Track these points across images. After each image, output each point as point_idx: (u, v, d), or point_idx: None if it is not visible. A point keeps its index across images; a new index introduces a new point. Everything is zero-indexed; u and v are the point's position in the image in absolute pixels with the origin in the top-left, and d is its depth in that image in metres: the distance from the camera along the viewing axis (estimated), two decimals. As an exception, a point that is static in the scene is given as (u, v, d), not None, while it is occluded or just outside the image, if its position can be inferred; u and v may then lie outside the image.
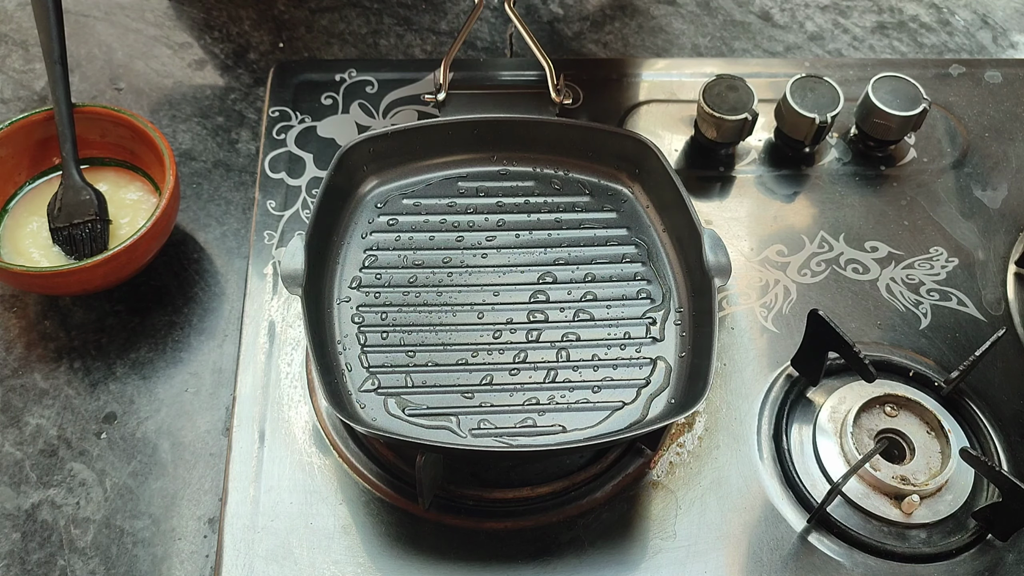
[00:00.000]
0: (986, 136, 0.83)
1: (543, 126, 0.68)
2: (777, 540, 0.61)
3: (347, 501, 0.61)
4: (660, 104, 0.82)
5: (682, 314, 0.64)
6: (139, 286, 0.72)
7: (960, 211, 0.78)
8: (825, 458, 0.64)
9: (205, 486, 0.64)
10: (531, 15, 0.93)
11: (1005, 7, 0.97)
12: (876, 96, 0.76)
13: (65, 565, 0.60)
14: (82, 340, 0.69)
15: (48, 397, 0.67)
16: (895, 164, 0.80)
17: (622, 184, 0.70)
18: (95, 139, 0.72)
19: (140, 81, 0.84)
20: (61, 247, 0.68)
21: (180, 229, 0.75)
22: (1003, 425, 0.66)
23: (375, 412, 0.59)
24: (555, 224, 0.68)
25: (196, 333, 0.70)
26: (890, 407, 0.65)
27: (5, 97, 0.82)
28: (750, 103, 0.75)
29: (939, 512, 0.62)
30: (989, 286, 0.73)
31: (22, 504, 0.62)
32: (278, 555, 0.59)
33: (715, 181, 0.79)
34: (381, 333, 0.62)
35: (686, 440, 0.65)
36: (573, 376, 0.62)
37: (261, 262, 0.71)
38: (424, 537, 0.60)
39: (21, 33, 0.87)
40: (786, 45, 0.92)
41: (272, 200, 0.74)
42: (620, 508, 0.62)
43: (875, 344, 0.70)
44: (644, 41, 0.92)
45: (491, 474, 0.63)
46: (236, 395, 0.65)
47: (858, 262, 0.74)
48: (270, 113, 0.79)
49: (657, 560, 0.60)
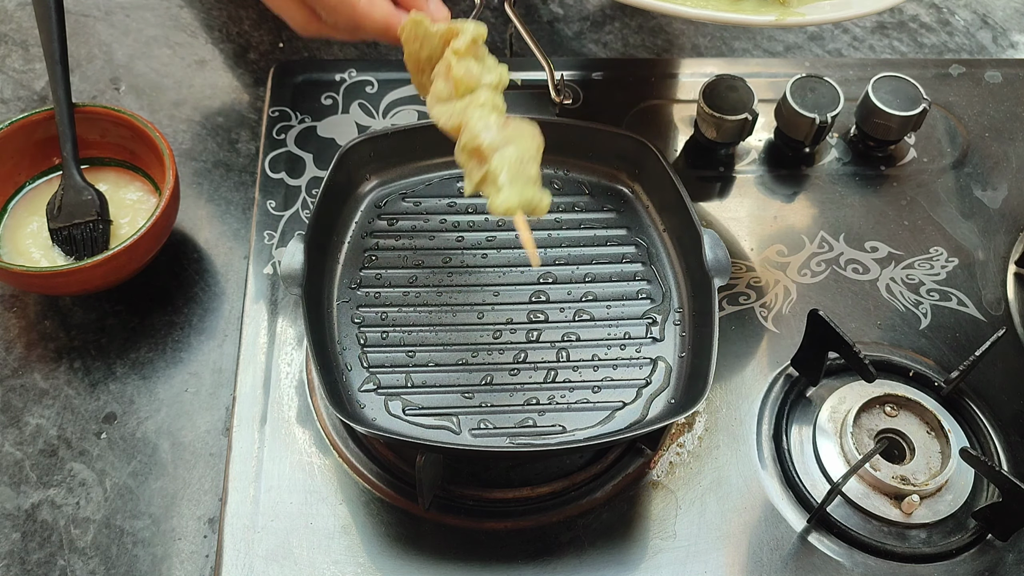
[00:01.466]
0: (986, 136, 0.83)
1: (543, 126, 0.68)
2: (777, 540, 0.61)
3: (347, 501, 0.61)
4: (660, 104, 0.83)
5: (682, 314, 0.64)
6: (139, 286, 0.72)
7: (960, 211, 0.78)
8: (825, 458, 0.64)
9: (205, 486, 0.64)
10: (531, 15, 0.93)
11: (1005, 7, 0.97)
12: (876, 96, 0.76)
13: (65, 565, 0.60)
14: (82, 340, 0.69)
15: (48, 397, 0.67)
16: (895, 164, 0.80)
17: (622, 184, 0.70)
18: (95, 139, 0.72)
19: (140, 81, 0.84)
20: (60, 247, 0.68)
21: (180, 229, 0.75)
22: (1003, 425, 0.66)
23: (375, 412, 0.59)
24: (555, 224, 0.68)
25: (196, 333, 0.70)
26: (890, 407, 0.65)
27: (5, 97, 0.82)
28: (750, 103, 0.75)
29: (939, 512, 0.62)
30: (989, 286, 0.73)
31: (22, 504, 0.62)
32: (278, 555, 0.59)
33: (715, 181, 0.79)
34: (381, 333, 0.62)
35: (686, 440, 0.65)
36: (573, 376, 0.62)
37: (261, 262, 0.71)
38: (424, 537, 0.60)
39: (21, 33, 0.87)
40: (786, 45, 0.92)
41: (272, 200, 0.74)
42: (620, 508, 0.62)
43: (875, 344, 0.70)
44: (644, 41, 0.92)
45: (491, 474, 0.63)
46: (236, 395, 0.65)
47: (858, 262, 0.74)
48: (270, 113, 0.79)
49: (657, 560, 0.60)
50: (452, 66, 0.50)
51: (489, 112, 0.49)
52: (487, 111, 0.49)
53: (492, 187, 0.47)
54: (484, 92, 0.50)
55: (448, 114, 0.49)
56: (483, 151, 0.48)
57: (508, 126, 0.49)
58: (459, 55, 0.50)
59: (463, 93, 0.50)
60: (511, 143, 0.48)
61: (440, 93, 0.50)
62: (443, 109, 0.50)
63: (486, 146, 0.47)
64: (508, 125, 0.49)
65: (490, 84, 0.50)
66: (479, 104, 0.49)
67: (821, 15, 0.62)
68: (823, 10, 0.63)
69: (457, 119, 0.49)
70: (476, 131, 0.48)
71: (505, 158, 0.47)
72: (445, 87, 0.50)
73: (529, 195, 0.48)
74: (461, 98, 0.50)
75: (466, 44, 0.51)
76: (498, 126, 0.48)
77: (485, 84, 0.50)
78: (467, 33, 0.51)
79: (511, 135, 0.48)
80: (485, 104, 0.49)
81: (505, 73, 0.52)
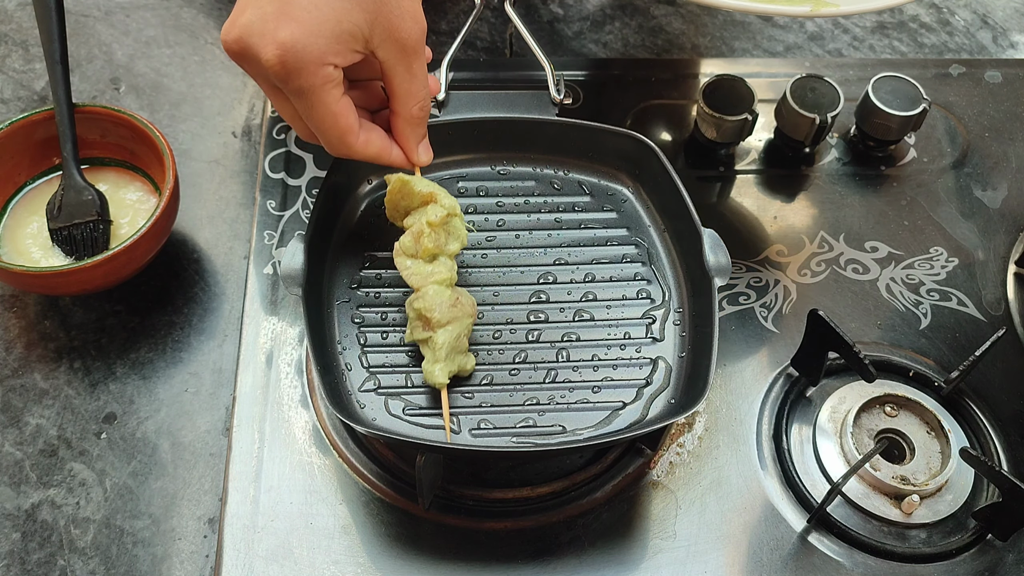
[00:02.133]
0: (986, 136, 0.83)
1: (543, 126, 0.68)
2: (777, 540, 0.61)
3: (347, 501, 0.61)
4: (660, 104, 0.83)
5: (682, 314, 0.64)
6: (139, 286, 0.72)
7: (960, 211, 0.78)
8: (825, 458, 0.64)
9: (205, 486, 0.64)
10: (531, 15, 0.93)
11: (1005, 7, 0.97)
12: (876, 96, 0.76)
13: (65, 565, 0.60)
14: (82, 340, 0.69)
15: (48, 397, 0.67)
16: (895, 164, 0.80)
17: (622, 184, 0.70)
18: (95, 139, 0.72)
19: (140, 81, 0.84)
20: (60, 247, 0.68)
21: (180, 229, 0.75)
22: (1003, 425, 0.66)
23: (375, 412, 0.59)
24: (555, 224, 0.68)
25: (196, 333, 0.70)
26: (890, 407, 0.65)
27: (5, 97, 0.82)
28: (750, 103, 0.75)
29: (939, 512, 0.62)
30: (989, 286, 0.73)
31: (22, 504, 0.62)
32: (278, 555, 0.59)
33: (715, 181, 0.79)
34: (381, 333, 0.62)
35: (686, 440, 0.65)
36: (573, 376, 0.62)
37: (261, 262, 0.71)
38: (424, 537, 0.60)
39: (21, 33, 0.87)
40: (786, 45, 0.92)
41: (272, 200, 0.74)
42: (620, 508, 0.62)
43: (875, 344, 0.70)
44: (644, 41, 0.92)
45: (491, 474, 0.63)
46: (236, 395, 0.65)
47: (858, 262, 0.74)
48: (270, 113, 0.79)
49: (657, 560, 0.60)
50: (424, 235, 0.58)
51: (444, 290, 0.58)
52: (443, 288, 0.58)
53: (430, 353, 0.58)
54: (443, 266, 0.59)
55: (410, 272, 0.58)
56: (431, 323, 0.57)
57: (456, 304, 0.58)
58: (432, 227, 0.59)
59: (427, 257, 0.59)
60: (454, 321, 0.57)
61: (407, 248, 0.59)
62: (407, 264, 0.59)
63: (434, 322, 0.57)
64: (456, 303, 0.58)
65: (451, 252, 0.60)
66: (437, 280, 0.58)
67: (854, 5, 0.62)
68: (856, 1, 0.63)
69: (417, 283, 0.58)
70: (431, 305, 0.57)
71: (446, 335, 0.57)
72: (412, 245, 0.59)
73: (458, 365, 0.58)
74: (427, 261, 0.59)
75: (440, 219, 0.59)
76: (448, 304, 0.57)
77: (447, 252, 0.59)
78: (443, 209, 0.59)
79: (456, 313, 0.58)
80: (442, 281, 0.58)
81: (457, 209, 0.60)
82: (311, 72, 0.51)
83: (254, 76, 0.53)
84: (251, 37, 0.50)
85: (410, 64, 0.55)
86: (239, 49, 0.51)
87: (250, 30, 0.50)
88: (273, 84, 0.53)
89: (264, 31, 0.50)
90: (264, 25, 0.50)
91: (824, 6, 0.61)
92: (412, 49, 0.55)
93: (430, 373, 0.58)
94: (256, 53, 0.51)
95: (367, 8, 0.52)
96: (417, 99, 0.57)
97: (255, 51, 0.51)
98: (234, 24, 0.51)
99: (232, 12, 0.52)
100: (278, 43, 0.50)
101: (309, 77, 0.51)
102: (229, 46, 0.52)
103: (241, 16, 0.51)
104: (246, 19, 0.51)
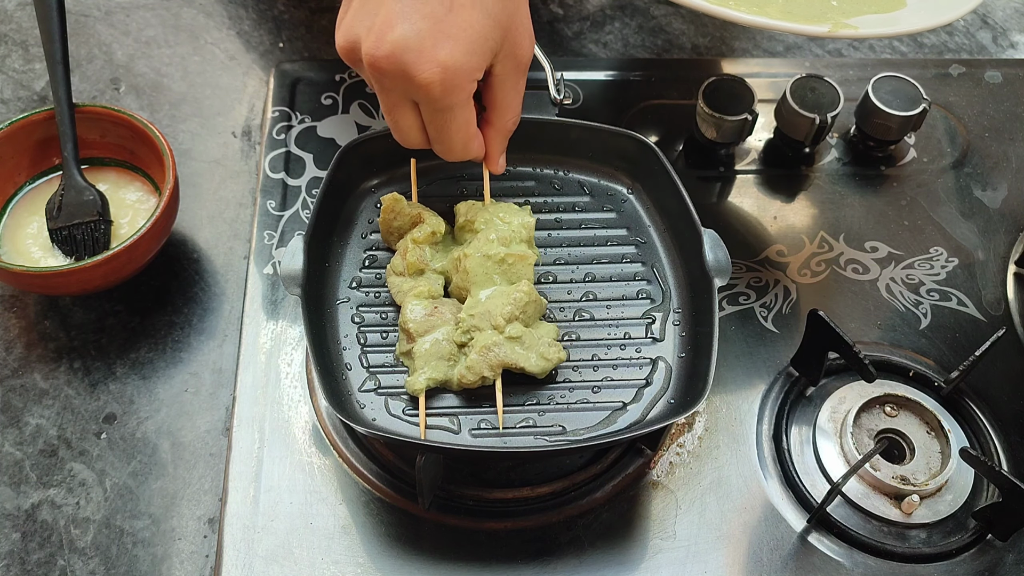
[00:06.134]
0: (986, 136, 0.83)
1: (543, 126, 0.68)
2: (777, 540, 0.61)
3: (347, 501, 0.61)
4: (660, 104, 0.83)
5: (682, 314, 0.64)
6: (139, 286, 0.72)
7: (960, 211, 0.78)
8: (825, 458, 0.64)
9: (205, 486, 0.64)
10: (531, 15, 0.93)
11: (1005, 7, 0.97)
12: (876, 96, 0.76)
13: (65, 565, 0.60)
14: (82, 340, 0.69)
15: (48, 397, 0.67)
16: (895, 164, 0.80)
17: (622, 184, 0.70)
18: (95, 139, 0.72)
19: (140, 81, 0.84)
20: (60, 247, 0.68)
21: (180, 229, 0.75)
22: (1003, 425, 0.66)
23: (375, 412, 0.59)
24: (555, 224, 0.68)
25: (196, 333, 0.70)
26: (890, 407, 0.65)
27: (5, 97, 0.83)
28: (750, 103, 0.75)
29: (939, 512, 0.62)
30: (989, 286, 0.73)
31: (22, 504, 0.62)
32: (278, 555, 0.59)
33: (715, 181, 0.79)
34: (381, 333, 0.62)
35: (686, 440, 0.65)
36: (573, 376, 0.61)
37: (261, 262, 0.71)
38: (424, 537, 0.60)
39: (21, 33, 0.87)
40: (786, 45, 0.92)
41: (272, 200, 0.74)
42: (620, 508, 0.62)
43: (875, 344, 0.70)
44: (644, 41, 0.92)
45: (491, 474, 0.63)
46: (236, 395, 0.65)
47: (858, 262, 0.74)
48: (270, 113, 0.79)
49: (657, 560, 0.60)
50: (408, 250, 0.62)
51: (422, 301, 0.60)
52: (421, 300, 0.60)
53: (411, 364, 0.60)
54: (426, 280, 0.62)
55: (397, 290, 0.62)
56: (410, 334, 0.60)
57: (434, 313, 0.60)
58: (416, 243, 0.62)
59: (412, 272, 0.62)
60: (433, 330, 0.60)
61: (396, 268, 0.63)
62: (396, 282, 0.62)
63: (412, 331, 0.60)
64: (435, 312, 0.60)
65: (436, 269, 0.63)
66: (416, 294, 0.61)
67: (872, 29, 0.64)
68: (874, 24, 0.65)
69: (401, 298, 0.61)
70: (408, 318, 0.60)
71: (424, 344, 0.59)
72: (401, 264, 0.62)
73: (440, 374, 0.59)
74: (412, 276, 0.62)
75: (424, 236, 0.62)
76: (425, 314, 0.60)
77: (431, 269, 0.63)
78: (428, 227, 0.63)
79: (435, 322, 0.60)
80: (420, 294, 0.61)
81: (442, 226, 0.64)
82: (463, 89, 0.51)
83: (388, 89, 0.52)
84: (407, 54, 0.49)
85: (518, 80, 0.56)
86: (390, 66, 0.49)
87: (405, 46, 0.49)
88: (409, 98, 0.52)
89: (422, 48, 0.49)
90: (421, 42, 0.49)
91: (843, 28, 0.62)
92: (525, 66, 0.56)
93: (411, 382, 0.59)
94: (412, 72, 0.49)
95: (503, 25, 0.52)
96: (515, 113, 0.58)
97: (411, 69, 0.49)
98: (383, 39, 0.49)
99: (364, 22, 0.50)
100: (438, 62, 0.49)
101: (460, 94, 0.51)
102: (378, 62, 0.50)
103: (391, 31, 0.49)
104: (399, 35, 0.49)
